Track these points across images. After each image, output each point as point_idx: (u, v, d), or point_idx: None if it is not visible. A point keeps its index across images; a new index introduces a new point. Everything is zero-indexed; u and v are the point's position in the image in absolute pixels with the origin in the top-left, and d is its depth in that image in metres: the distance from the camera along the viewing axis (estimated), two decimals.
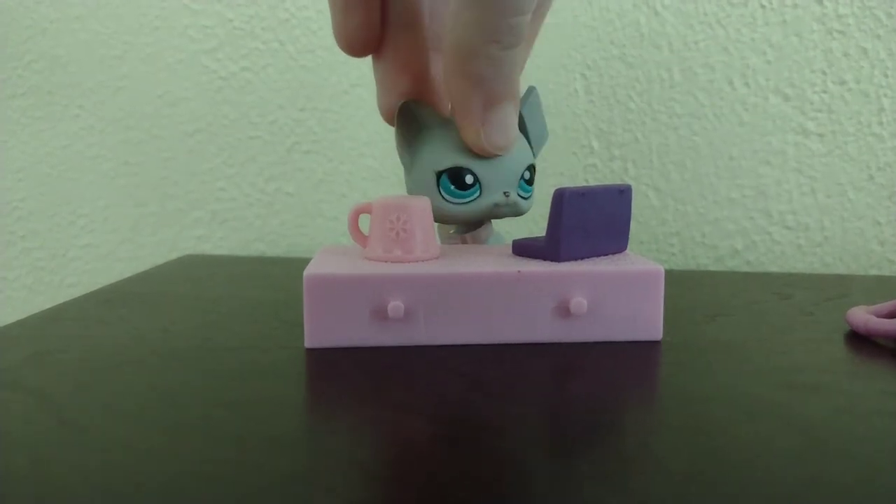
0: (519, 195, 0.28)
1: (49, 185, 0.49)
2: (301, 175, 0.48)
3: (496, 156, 0.26)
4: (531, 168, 0.28)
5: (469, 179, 0.27)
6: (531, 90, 0.29)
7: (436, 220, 0.27)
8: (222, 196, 0.48)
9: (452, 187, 0.27)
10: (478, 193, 0.27)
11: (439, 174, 0.27)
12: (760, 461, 0.16)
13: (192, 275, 0.38)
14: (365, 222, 0.26)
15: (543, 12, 0.28)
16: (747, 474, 0.15)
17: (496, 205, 0.27)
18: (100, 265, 0.50)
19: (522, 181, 0.28)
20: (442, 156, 0.27)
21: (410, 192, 0.28)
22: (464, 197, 0.27)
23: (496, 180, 0.27)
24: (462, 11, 0.23)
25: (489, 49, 0.23)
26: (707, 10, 0.43)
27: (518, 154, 0.27)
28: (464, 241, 0.29)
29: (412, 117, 0.28)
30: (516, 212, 0.28)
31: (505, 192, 0.27)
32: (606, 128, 0.45)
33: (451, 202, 0.27)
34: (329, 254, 0.26)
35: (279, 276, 0.37)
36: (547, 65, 0.45)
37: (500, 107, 0.25)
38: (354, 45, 0.27)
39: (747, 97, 0.43)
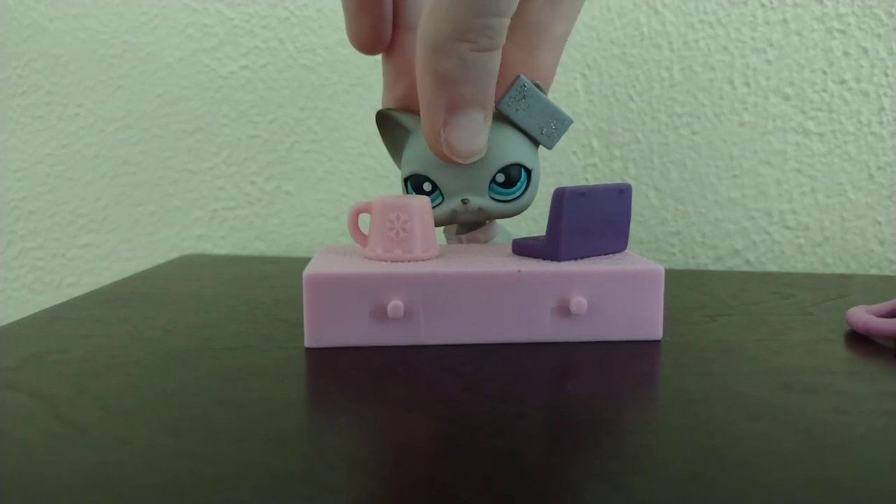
0: (493, 198, 0.27)
1: (48, 184, 0.49)
2: (301, 174, 0.48)
3: (457, 163, 0.25)
4: (511, 168, 0.27)
5: (427, 187, 0.27)
6: (515, 79, 0.26)
7: None
8: (222, 195, 0.48)
9: (414, 193, 0.27)
10: (440, 199, 0.27)
11: (405, 181, 0.27)
12: (760, 461, 0.16)
13: (191, 274, 0.38)
14: (365, 222, 0.26)
15: (565, 32, 0.27)
16: (747, 474, 0.15)
17: (454, 211, 0.27)
18: (99, 265, 0.50)
19: (494, 184, 0.27)
20: (408, 162, 0.27)
21: None
22: None
23: (455, 186, 0.26)
24: (437, 4, 0.22)
25: (460, 48, 0.22)
26: (707, 9, 0.43)
27: (488, 156, 0.26)
28: (460, 242, 0.29)
29: (391, 125, 0.28)
30: (489, 216, 0.27)
31: (463, 200, 0.27)
32: (606, 127, 0.45)
33: None
34: (329, 253, 0.26)
35: (279, 276, 0.37)
36: None
37: (466, 112, 0.24)
38: (365, 45, 0.27)
39: (747, 96, 0.43)
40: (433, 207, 0.27)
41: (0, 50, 0.49)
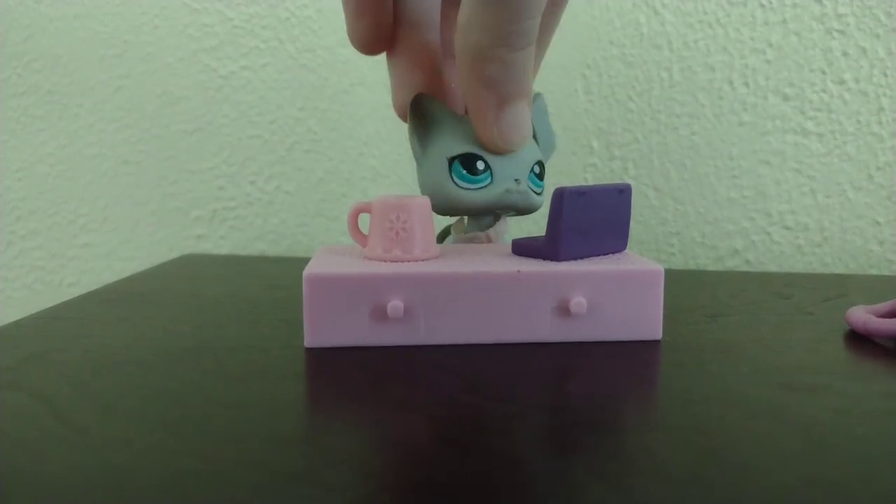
0: (529, 187, 0.28)
1: (49, 184, 0.49)
2: (301, 174, 0.48)
3: (510, 152, 0.27)
4: (540, 164, 0.29)
5: (480, 165, 0.27)
6: (538, 96, 0.29)
7: (448, 211, 0.28)
8: (222, 195, 0.48)
9: (464, 172, 0.27)
10: (489, 180, 0.27)
11: (451, 160, 0.27)
12: (760, 461, 0.16)
13: (191, 274, 0.38)
14: (365, 222, 0.26)
15: (557, 16, 0.28)
16: (746, 474, 0.15)
17: (507, 190, 0.27)
18: (99, 264, 0.50)
19: (533, 174, 0.28)
20: (454, 144, 0.27)
21: (422, 183, 0.28)
22: (475, 182, 0.27)
23: (507, 168, 0.27)
24: (473, 16, 0.23)
25: (500, 52, 0.23)
26: (706, 9, 0.43)
27: (530, 147, 0.28)
28: (487, 238, 0.29)
29: (425, 109, 0.28)
30: (527, 203, 0.28)
31: (516, 179, 0.27)
32: (606, 127, 0.45)
33: (463, 188, 0.27)
34: (329, 253, 0.26)
35: (279, 276, 0.37)
36: (546, 64, 0.45)
37: (513, 105, 0.25)
38: (366, 45, 0.28)
39: (747, 97, 0.43)
40: (480, 188, 0.27)
41: (0, 50, 0.49)
